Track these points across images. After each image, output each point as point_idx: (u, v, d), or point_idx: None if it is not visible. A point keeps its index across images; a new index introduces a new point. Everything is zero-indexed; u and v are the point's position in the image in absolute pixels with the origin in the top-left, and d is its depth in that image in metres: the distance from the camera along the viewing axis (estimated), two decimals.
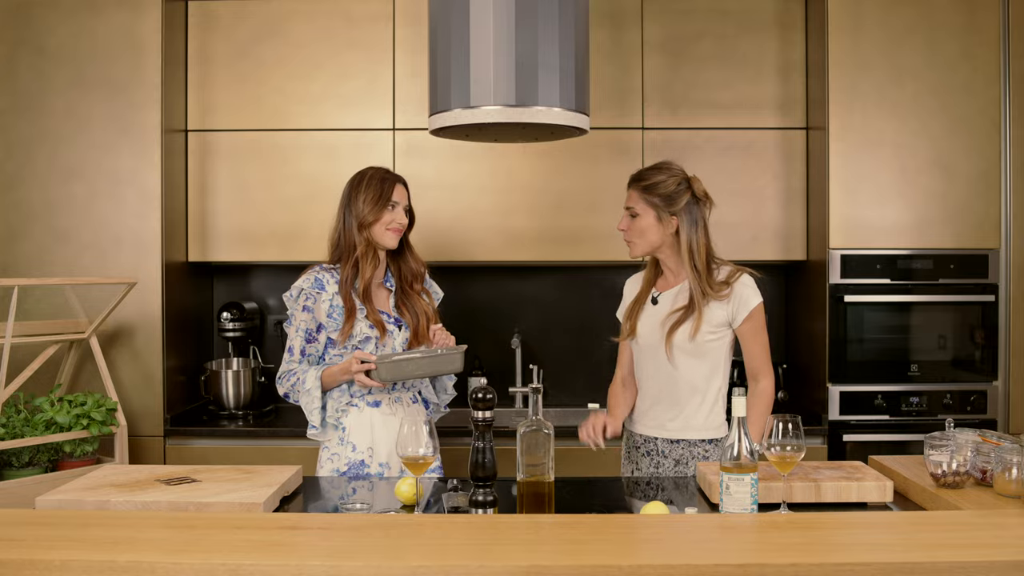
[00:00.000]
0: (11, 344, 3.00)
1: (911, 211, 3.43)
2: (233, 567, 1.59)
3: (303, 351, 2.69)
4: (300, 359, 2.70)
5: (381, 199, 2.66)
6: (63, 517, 1.93)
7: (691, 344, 2.57)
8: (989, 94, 3.43)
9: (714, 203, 2.65)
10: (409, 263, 2.79)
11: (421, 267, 2.81)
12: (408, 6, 3.64)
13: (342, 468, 2.68)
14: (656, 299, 2.68)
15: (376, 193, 2.67)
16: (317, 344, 2.70)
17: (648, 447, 2.69)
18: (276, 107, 3.65)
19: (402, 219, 2.70)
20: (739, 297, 2.57)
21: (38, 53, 3.42)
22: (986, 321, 3.45)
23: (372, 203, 2.65)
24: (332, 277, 2.69)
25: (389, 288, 2.77)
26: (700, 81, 3.64)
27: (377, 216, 2.66)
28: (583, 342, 3.97)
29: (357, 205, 2.67)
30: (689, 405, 2.61)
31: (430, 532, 1.80)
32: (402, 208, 2.71)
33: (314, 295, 2.67)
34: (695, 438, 2.62)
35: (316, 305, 2.67)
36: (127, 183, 3.43)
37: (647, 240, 2.62)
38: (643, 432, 2.71)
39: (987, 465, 2.17)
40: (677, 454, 2.63)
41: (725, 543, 1.74)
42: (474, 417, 2.14)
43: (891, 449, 3.35)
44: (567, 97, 2.35)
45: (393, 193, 2.68)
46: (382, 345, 2.68)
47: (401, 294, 2.77)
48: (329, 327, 2.68)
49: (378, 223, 2.67)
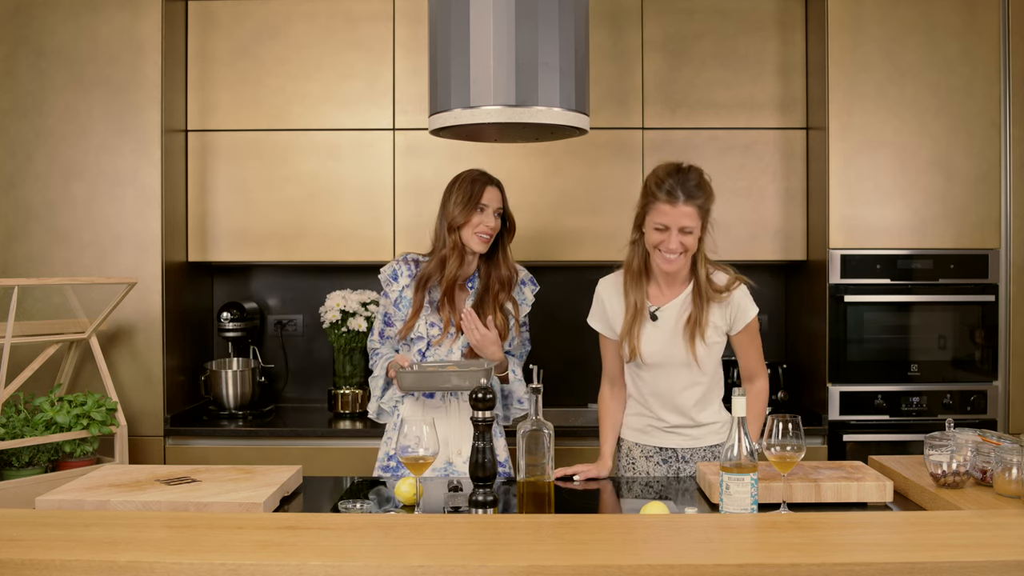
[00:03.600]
0: (11, 344, 3.00)
1: (911, 211, 3.43)
2: (233, 567, 1.59)
3: (382, 333, 2.80)
4: (380, 340, 2.80)
5: (471, 201, 2.66)
6: (63, 517, 1.93)
7: (705, 351, 2.54)
8: (989, 94, 3.43)
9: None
10: (500, 269, 2.75)
11: (512, 275, 2.76)
12: (408, 6, 3.64)
13: (391, 452, 2.77)
14: (655, 315, 2.57)
15: (466, 195, 2.67)
16: (395, 328, 2.77)
17: (660, 456, 2.65)
18: (276, 107, 3.65)
19: (490, 222, 2.68)
20: (738, 307, 2.55)
21: (38, 53, 3.42)
22: (986, 321, 3.45)
23: (462, 204, 2.66)
24: (408, 269, 2.75)
25: (469, 290, 2.75)
26: (700, 81, 3.65)
27: (466, 218, 2.66)
28: (583, 342, 3.96)
29: (449, 206, 2.69)
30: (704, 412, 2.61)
31: (430, 532, 1.80)
32: (492, 211, 2.69)
33: (389, 282, 2.76)
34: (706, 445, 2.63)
35: (389, 292, 2.75)
36: (127, 183, 3.43)
37: (690, 256, 2.52)
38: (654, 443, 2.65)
39: (987, 465, 2.17)
40: (699, 458, 2.63)
41: (725, 543, 1.74)
42: (474, 417, 2.14)
43: (891, 449, 3.36)
44: (567, 97, 2.35)
45: (483, 196, 2.68)
46: (437, 346, 2.71)
47: (481, 300, 2.73)
48: (395, 316, 2.75)
49: (467, 226, 2.67)
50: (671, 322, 2.55)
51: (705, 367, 2.56)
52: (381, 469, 2.77)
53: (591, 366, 3.95)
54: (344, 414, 3.67)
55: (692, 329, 2.52)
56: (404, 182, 3.63)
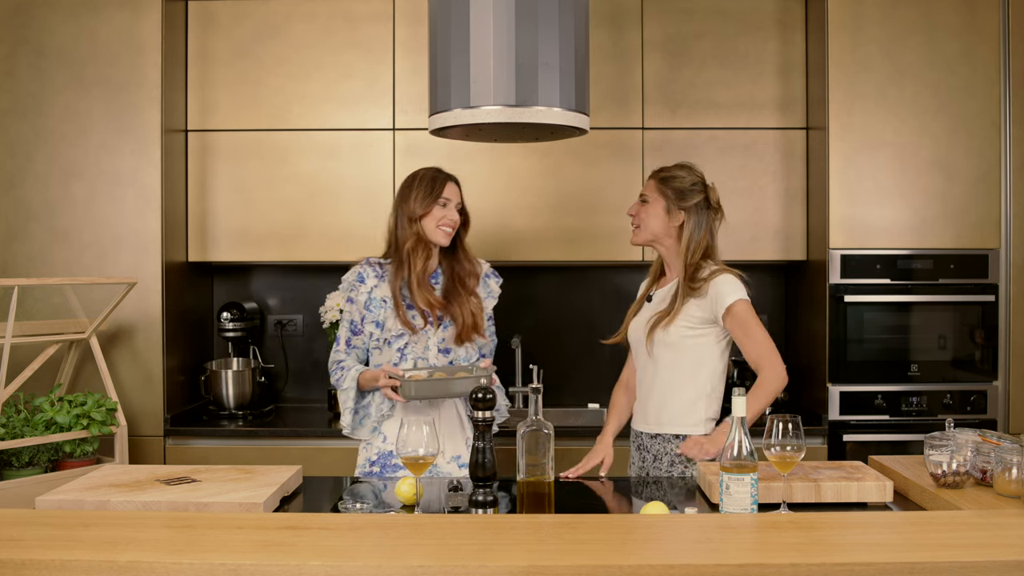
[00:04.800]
0: (11, 344, 3.00)
1: (911, 211, 3.43)
2: (233, 567, 1.59)
3: (348, 342, 2.76)
4: (347, 350, 2.76)
5: (432, 195, 2.69)
6: (63, 517, 1.93)
7: (666, 338, 2.60)
8: (989, 94, 3.43)
9: (724, 216, 2.69)
10: (463, 264, 2.78)
11: (476, 268, 2.79)
12: (408, 6, 3.64)
13: (372, 457, 2.73)
14: (651, 297, 2.73)
15: (428, 189, 2.69)
16: (363, 336, 2.74)
17: (637, 441, 2.73)
18: (276, 107, 3.65)
19: (453, 216, 2.70)
20: (713, 296, 2.58)
21: (38, 53, 3.42)
22: (986, 321, 3.45)
23: (422, 197, 2.68)
24: (374, 271, 2.74)
25: (434, 285, 2.76)
26: (700, 81, 3.65)
27: (427, 209, 2.67)
28: (583, 342, 3.97)
29: (408, 200, 2.70)
30: (668, 400, 2.63)
31: (430, 532, 1.80)
32: (453, 206, 2.71)
33: (356, 287, 2.73)
34: (668, 433, 2.63)
35: (356, 297, 2.72)
36: (127, 183, 3.43)
37: (650, 228, 2.67)
38: (633, 426, 2.77)
39: (987, 465, 2.17)
40: (655, 449, 2.65)
41: (725, 543, 1.74)
42: (474, 417, 2.14)
43: (891, 449, 3.35)
44: (567, 97, 2.35)
45: (444, 190, 2.70)
46: (414, 342, 2.69)
47: (448, 292, 2.74)
48: (367, 319, 2.72)
49: (428, 216, 2.68)
50: (655, 305, 2.69)
51: (659, 357, 2.61)
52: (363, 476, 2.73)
53: (591, 366, 3.97)
54: None
55: (659, 317, 2.62)
56: None
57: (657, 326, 2.61)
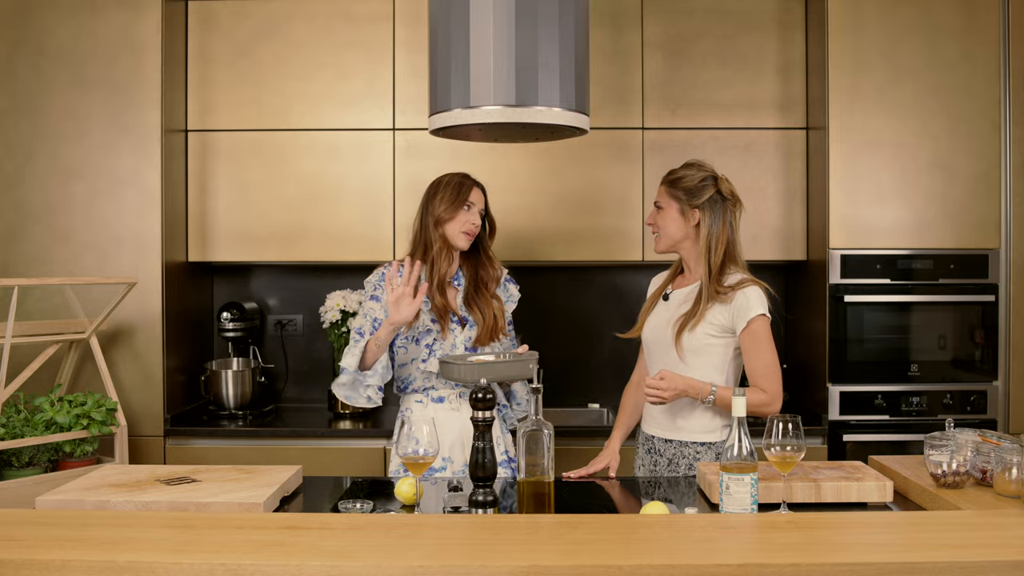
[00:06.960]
0: (11, 344, 3.00)
1: (911, 211, 3.43)
2: (233, 567, 1.59)
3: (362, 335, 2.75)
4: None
5: (458, 199, 2.72)
6: (63, 517, 1.93)
7: (691, 341, 2.57)
8: (989, 94, 3.43)
9: (743, 205, 2.66)
10: (486, 267, 2.82)
11: (497, 273, 2.84)
12: (408, 6, 3.64)
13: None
14: (668, 296, 2.70)
15: (454, 194, 2.73)
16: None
17: (648, 444, 2.71)
18: (276, 107, 3.65)
19: (476, 220, 2.73)
20: (739, 305, 2.54)
21: (38, 53, 3.42)
22: (986, 321, 3.45)
23: (448, 202, 2.71)
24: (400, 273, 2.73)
25: (456, 287, 2.80)
26: (700, 81, 3.65)
27: (452, 215, 2.71)
28: (583, 342, 3.98)
29: (434, 204, 2.74)
30: (686, 404, 2.61)
31: (430, 532, 1.80)
32: (477, 211, 2.75)
33: (382, 286, 2.74)
34: (687, 439, 2.61)
35: (383, 295, 2.73)
36: (127, 183, 3.43)
37: (668, 232, 2.66)
38: (644, 429, 2.73)
39: (987, 465, 2.17)
40: (670, 453, 2.63)
41: (725, 543, 1.74)
42: (474, 417, 2.14)
43: (891, 449, 3.35)
44: (567, 97, 2.35)
45: (470, 195, 2.73)
46: (442, 340, 2.71)
47: (470, 295, 2.78)
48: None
49: (453, 221, 2.71)
50: (674, 306, 2.65)
51: (688, 361, 2.57)
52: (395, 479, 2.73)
53: (591, 366, 3.97)
54: (344, 414, 3.67)
55: (685, 318, 2.59)
56: (404, 182, 3.63)
57: (684, 329, 2.58)
